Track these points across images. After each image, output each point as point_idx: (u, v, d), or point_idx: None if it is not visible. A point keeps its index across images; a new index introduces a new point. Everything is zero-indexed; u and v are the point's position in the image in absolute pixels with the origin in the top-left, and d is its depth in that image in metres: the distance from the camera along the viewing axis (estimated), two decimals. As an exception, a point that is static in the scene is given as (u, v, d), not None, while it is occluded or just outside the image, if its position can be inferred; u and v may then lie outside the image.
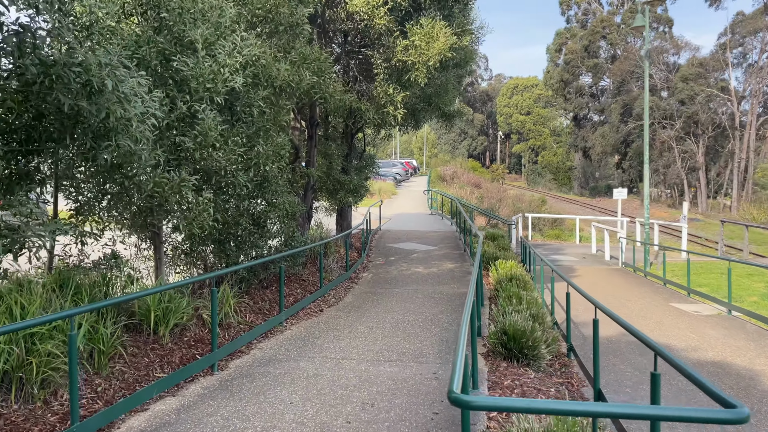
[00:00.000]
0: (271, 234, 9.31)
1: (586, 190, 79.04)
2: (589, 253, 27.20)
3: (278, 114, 7.79)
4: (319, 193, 15.15)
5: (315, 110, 12.00)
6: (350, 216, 16.32)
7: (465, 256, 16.42)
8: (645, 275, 18.55)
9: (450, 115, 16.02)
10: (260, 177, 8.31)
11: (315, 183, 12.18)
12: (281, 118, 7.83)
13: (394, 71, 9.83)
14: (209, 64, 6.45)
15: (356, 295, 11.53)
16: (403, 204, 32.09)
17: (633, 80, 56.78)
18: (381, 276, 13.60)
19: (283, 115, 7.88)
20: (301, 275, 11.41)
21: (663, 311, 12.27)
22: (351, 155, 15.66)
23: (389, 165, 50.48)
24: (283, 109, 7.94)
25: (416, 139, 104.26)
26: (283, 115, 7.88)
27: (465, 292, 11.85)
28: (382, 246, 18.05)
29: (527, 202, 43.67)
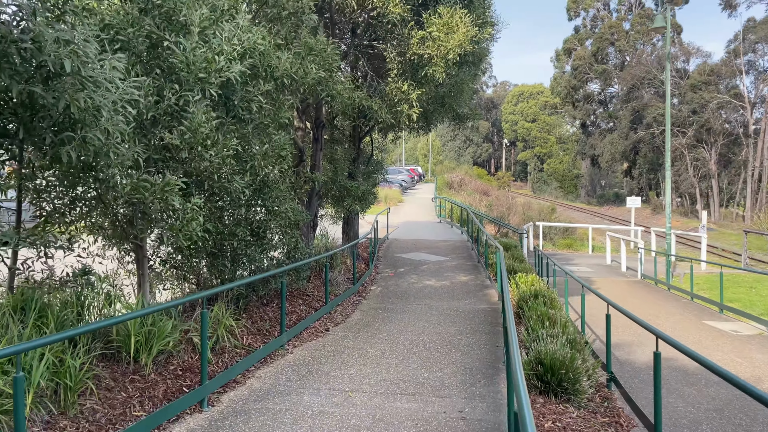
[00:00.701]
0: (272, 245, 8.36)
1: (594, 198, 77.95)
2: (603, 263, 26.19)
3: (279, 110, 6.88)
4: (325, 200, 14.22)
5: (321, 111, 11.09)
6: (357, 224, 15.38)
7: (479, 268, 15.44)
8: (668, 288, 17.53)
9: (463, 117, 15.10)
10: (259, 181, 7.38)
11: (320, 189, 11.25)
12: (282, 115, 6.91)
13: (408, 66, 8.92)
14: (203, 50, 5.53)
15: (365, 311, 10.57)
16: (410, 211, 31.14)
17: (643, 86, 55.83)
18: (391, 289, 12.63)
19: (284, 111, 6.96)
20: (305, 290, 10.46)
21: (698, 330, 11.27)
22: (358, 160, 14.74)
23: (395, 172, 49.59)
24: (285, 105, 7.02)
25: (421, 146, 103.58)
26: (284, 111, 6.96)
27: (483, 308, 10.88)
28: (390, 256, 17.09)
29: (536, 210, 42.63)
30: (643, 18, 68.58)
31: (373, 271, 14.52)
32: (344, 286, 11.82)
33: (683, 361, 9.03)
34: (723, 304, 13.25)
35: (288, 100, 7.06)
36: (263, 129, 6.74)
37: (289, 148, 7.41)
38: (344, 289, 11.65)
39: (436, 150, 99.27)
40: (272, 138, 6.84)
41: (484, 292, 12.43)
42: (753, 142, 45.71)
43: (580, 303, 10.16)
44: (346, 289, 11.69)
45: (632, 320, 6.17)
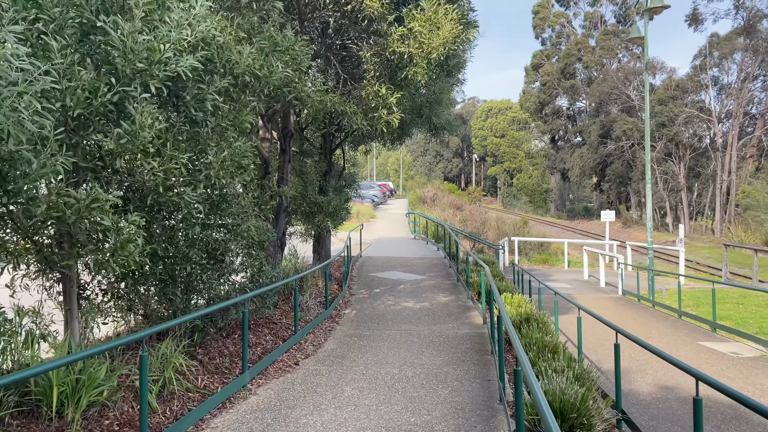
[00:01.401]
0: (233, 269, 7.31)
1: (563, 212, 78.36)
2: (581, 278, 25.62)
3: (240, 113, 5.90)
4: (294, 217, 13.21)
5: (289, 119, 10.13)
6: (329, 242, 14.37)
7: (459, 287, 14.57)
8: (653, 305, 16.92)
9: (440, 128, 14.30)
10: (217, 196, 6.36)
11: (289, 205, 10.25)
12: (244, 119, 5.94)
13: (386, 68, 8.06)
14: (146, 37, 4.53)
15: (339, 339, 9.54)
16: (384, 227, 30.22)
17: (611, 101, 56.34)
18: (366, 313, 11.64)
19: (246, 115, 5.98)
20: (272, 317, 9.39)
21: (695, 353, 10.55)
22: (329, 174, 13.78)
23: (367, 187, 48.69)
24: (247, 107, 6.05)
25: (392, 162, 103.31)
26: (246, 115, 5.98)
27: (468, 333, 9.96)
28: (364, 275, 16.10)
29: (510, 224, 42.18)
30: (607, 35, 69.56)
31: (346, 293, 13.51)
32: (316, 311, 10.78)
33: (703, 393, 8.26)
34: (716, 323, 12.61)
35: (251, 101, 6.09)
36: (221, 134, 5.74)
37: (252, 158, 6.42)
38: (316, 314, 10.61)
39: (407, 165, 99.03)
40: (232, 145, 5.84)
41: (467, 315, 11.53)
42: (721, 155, 46.28)
43: (576, 327, 9.31)
44: (318, 314, 10.66)
45: (662, 358, 5.28)
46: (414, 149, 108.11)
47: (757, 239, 34.74)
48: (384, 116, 8.01)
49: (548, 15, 78.62)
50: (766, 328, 12.50)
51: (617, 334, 6.46)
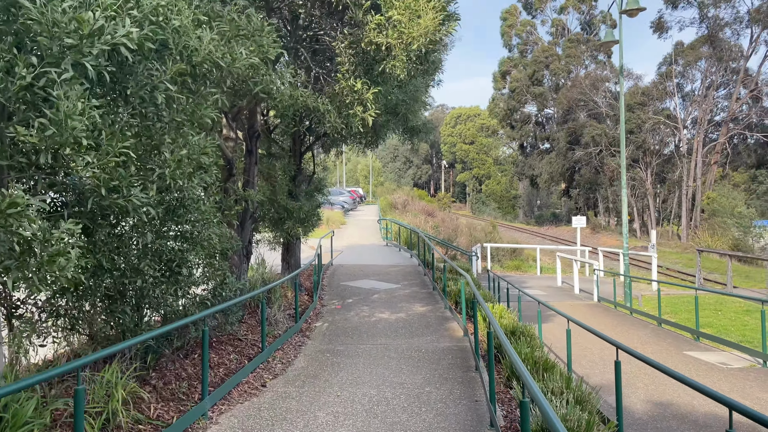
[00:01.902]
0: (192, 281, 6.53)
1: (532, 218, 78.83)
2: (554, 285, 25.34)
3: (198, 107, 5.16)
4: (261, 224, 12.43)
5: (256, 117, 9.39)
6: (299, 250, 13.62)
7: (435, 296, 13.96)
8: (630, 312, 16.61)
9: (416, 130, 13.72)
10: (173, 199, 5.60)
11: (256, 210, 9.49)
12: (204, 113, 5.20)
13: (362, 61, 7.42)
14: (71, 3, 3.79)
15: (310, 356, 8.81)
16: (355, 234, 29.50)
17: (579, 108, 56.83)
18: (339, 325, 10.93)
19: (206, 108, 5.25)
20: (237, 333, 8.60)
21: (683, 364, 10.14)
22: (299, 178, 13.05)
23: (336, 193, 47.88)
24: (207, 101, 5.32)
25: (361, 168, 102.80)
26: (206, 108, 5.25)
27: (448, 347, 9.34)
28: (336, 285, 15.37)
29: (481, 230, 41.93)
30: (573, 42, 70.49)
31: (317, 304, 12.77)
32: (285, 325, 10.02)
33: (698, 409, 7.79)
34: (699, 331, 12.27)
35: (212, 93, 5.36)
36: (176, 129, 4.99)
37: (214, 157, 5.69)
38: (285, 328, 9.85)
39: (377, 171, 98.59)
40: (189, 141, 5.10)
41: (446, 326, 10.92)
42: (687, 161, 46.98)
43: (566, 340, 8.77)
44: (288, 328, 9.90)
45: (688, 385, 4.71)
46: (383, 155, 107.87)
47: (724, 244, 35.16)
48: (359, 113, 7.35)
49: (516, 22, 79.28)
50: (749, 335, 12.23)
51: (617, 350, 5.91)
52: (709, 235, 37.44)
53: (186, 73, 4.89)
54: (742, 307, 15.58)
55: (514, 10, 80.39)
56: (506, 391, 7.02)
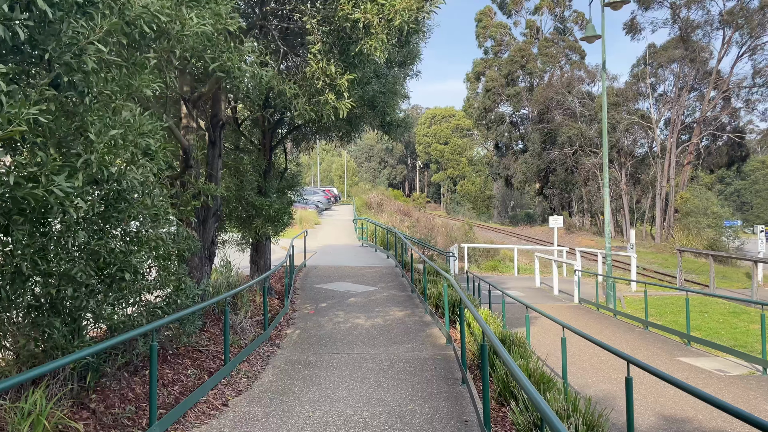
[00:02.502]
0: (143, 286, 5.66)
1: (506, 219, 78.85)
2: (532, 285, 24.85)
3: (133, 75, 4.31)
4: (228, 222, 11.54)
5: (219, 105, 8.52)
6: (269, 251, 12.74)
7: (414, 299, 13.23)
8: (614, 315, 16.11)
9: (394, 126, 12.94)
10: (112, 191, 4.73)
11: (220, 207, 8.62)
12: (141, 83, 4.35)
13: (337, 40, 6.63)
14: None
15: (279, 368, 7.98)
16: (330, 234, 28.62)
17: (553, 108, 56.80)
18: (312, 332, 10.11)
19: (142, 78, 4.40)
20: (197, 344, 7.72)
21: (678, 371, 9.55)
22: (270, 173, 12.18)
23: (310, 192, 46.93)
24: (145, 69, 4.47)
25: (335, 167, 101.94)
26: (142, 78, 4.40)
27: (431, 356, 8.60)
28: (309, 287, 14.52)
29: (457, 231, 41.42)
30: (549, 42, 70.66)
31: (289, 309, 11.91)
32: (252, 333, 9.16)
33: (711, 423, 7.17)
34: (689, 335, 11.75)
35: (149, 60, 4.51)
36: (106, 104, 4.14)
37: (161, 141, 4.83)
38: (252, 336, 9.00)
39: (351, 171, 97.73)
40: (125, 119, 4.25)
41: (427, 332, 10.19)
42: (661, 161, 47.18)
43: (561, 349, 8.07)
44: (255, 336, 9.04)
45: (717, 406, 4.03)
46: (358, 155, 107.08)
47: (698, 244, 35.21)
48: (332, 101, 6.55)
49: (490, 24, 79.20)
50: (741, 339, 11.77)
51: (629, 365, 5.22)
52: (684, 235, 37.51)
53: (119, 30, 4.02)
54: (728, 308, 15.19)
55: (489, 11, 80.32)
56: (498, 409, 6.29)
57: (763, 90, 47.67)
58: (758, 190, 78.38)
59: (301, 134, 13.95)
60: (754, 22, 43.13)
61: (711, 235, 35.34)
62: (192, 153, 6.88)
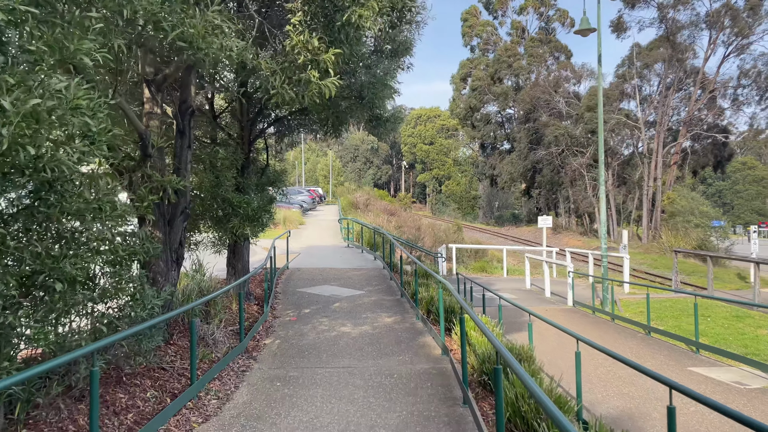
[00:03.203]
0: (78, 300, 4.70)
1: (492, 219, 78.40)
2: (522, 287, 24.11)
3: (69, 37, 3.40)
4: (203, 222, 10.58)
5: (189, 90, 7.58)
6: (248, 253, 11.78)
7: (403, 303, 12.36)
8: (612, 319, 15.38)
9: (383, 120, 12.06)
10: (37, 179, 3.79)
11: (189, 204, 7.67)
12: (77, 47, 3.44)
13: (321, 8, 5.74)
14: None
15: (255, 385, 7.05)
16: (314, 235, 27.65)
17: (540, 108, 56.34)
18: (293, 342, 9.19)
19: (80, 41, 3.48)
20: (160, 362, 6.75)
21: (693, 384, 8.77)
22: (249, 169, 11.24)
23: (295, 192, 45.88)
24: (87, 32, 3.55)
25: (320, 167, 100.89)
26: (80, 41, 3.48)
27: (425, 370, 7.73)
28: (291, 291, 13.58)
29: (444, 231, 40.69)
30: (534, 42, 70.24)
31: (269, 316, 10.97)
32: (226, 345, 8.22)
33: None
34: (698, 342, 11.01)
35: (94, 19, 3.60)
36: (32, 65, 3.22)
37: (104, 120, 3.90)
38: (226, 349, 8.05)
39: (337, 171, 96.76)
40: (55, 88, 3.32)
41: (419, 341, 9.32)
42: (647, 161, 46.85)
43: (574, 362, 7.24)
44: (230, 348, 8.10)
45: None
46: (344, 155, 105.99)
47: (687, 245, 34.80)
48: (315, 79, 5.66)
49: (476, 23, 78.73)
50: (752, 346, 11.07)
51: (671, 390, 4.38)
52: (672, 235, 37.10)
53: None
54: (730, 312, 14.54)
55: (475, 10, 79.88)
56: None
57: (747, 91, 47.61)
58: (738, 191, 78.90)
59: (283, 127, 13.02)
60: (741, 22, 42.95)
61: (700, 236, 34.96)
62: (150, 140, 5.93)
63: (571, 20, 70.65)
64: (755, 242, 25.15)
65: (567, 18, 70.67)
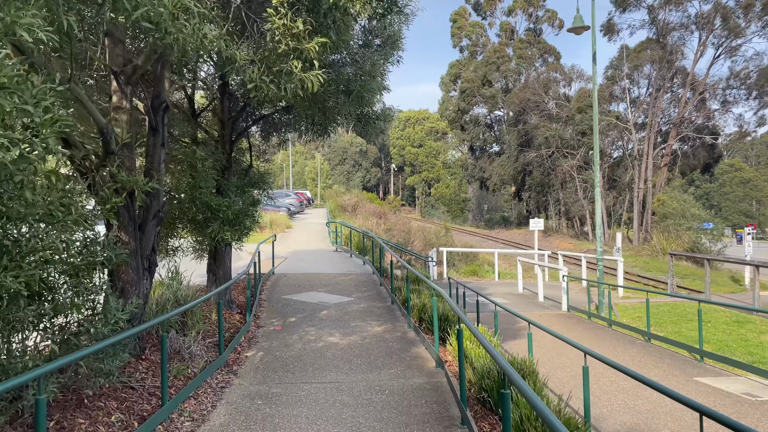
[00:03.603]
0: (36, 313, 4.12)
1: (481, 222, 78.13)
2: (515, 291, 23.65)
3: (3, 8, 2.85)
4: (182, 226, 9.98)
5: (162, 84, 7.00)
6: (230, 259, 11.17)
7: (394, 311, 11.82)
8: (609, 325, 14.92)
9: (373, 118, 11.53)
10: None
11: (163, 207, 7.08)
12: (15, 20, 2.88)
13: (304, -9, 5.20)
14: None
15: (235, 404, 6.46)
16: (301, 239, 27.03)
17: (530, 109, 56.08)
18: (277, 355, 8.61)
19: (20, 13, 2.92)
20: (130, 379, 6.15)
21: (702, 396, 8.29)
22: (230, 170, 10.66)
23: (282, 195, 45.21)
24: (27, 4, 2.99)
25: (308, 170, 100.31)
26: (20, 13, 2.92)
27: (418, 385, 7.19)
28: (276, 299, 12.98)
29: (434, 234, 40.16)
30: (523, 44, 70.04)
31: (252, 325, 10.38)
32: (204, 359, 7.62)
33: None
34: (702, 350, 10.55)
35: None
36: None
37: (51, 107, 3.33)
38: (204, 363, 7.45)
39: (325, 174, 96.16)
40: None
41: (412, 353, 8.78)
42: (638, 163, 46.67)
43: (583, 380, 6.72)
44: (208, 363, 7.50)
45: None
46: (332, 158, 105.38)
47: (679, 247, 34.54)
48: (297, 71, 5.11)
49: (465, 24, 78.48)
50: (757, 354, 10.63)
51: (701, 417, 3.86)
52: (664, 237, 36.85)
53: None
54: (729, 317, 14.12)
55: (464, 11, 79.64)
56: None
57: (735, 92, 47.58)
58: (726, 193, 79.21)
59: (268, 126, 12.44)
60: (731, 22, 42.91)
61: (692, 238, 34.71)
62: (113, 135, 5.33)
63: (560, 21, 70.59)
64: (749, 245, 24.86)
65: (556, 19, 70.59)
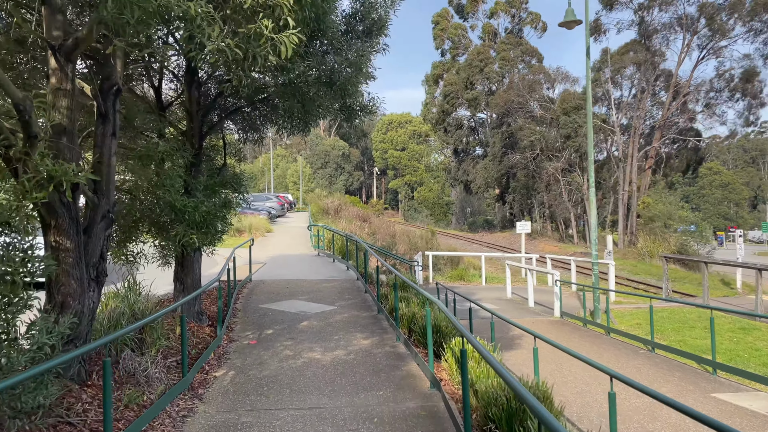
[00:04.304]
0: None
1: (465, 225, 77.50)
2: (503, 296, 22.82)
3: None
4: (144, 229, 8.92)
5: (114, 64, 5.99)
6: (199, 266, 10.11)
7: (381, 321, 10.87)
8: (608, 333, 14.12)
9: (357, 110, 10.60)
10: None
11: (114, 207, 6.06)
12: None
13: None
14: None
15: (197, 439, 5.46)
16: (282, 243, 25.94)
17: (514, 111, 55.56)
18: (251, 374, 7.60)
19: None
20: (68, 413, 5.11)
21: (724, 414, 7.48)
22: (199, 167, 9.63)
23: (263, 198, 44.04)
24: None
25: (290, 174, 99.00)
26: None
27: (412, 410, 6.24)
28: (253, 308, 11.95)
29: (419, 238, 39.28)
30: (506, 46, 69.64)
31: (224, 338, 9.35)
32: (164, 383, 6.58)
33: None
34: (716, 362, 9.76)
35: None
36: None
37: None
38: (163, 388, 6.42)
39: (307, 177, 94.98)
40: None
41: (403, 370, 7.83)
42: (623, 166, 46.33)
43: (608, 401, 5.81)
44: (168, 387, 6.47)
45: None
46: (314, 161, 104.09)
47: (666, 249, 34.11)
48: (268, 32, 4.15)
49: (448, 26, 77.97)
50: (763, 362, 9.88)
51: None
52: (651, 240, 36.43)
53: None
54: (732, 323, 13.42)
55: (446, 13, 79.10)
56: None
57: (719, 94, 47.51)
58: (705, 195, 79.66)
59: (244, 121, 11.43)
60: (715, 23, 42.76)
61: (679, 240, 34.31)
62: (32, 113, 4.30)
63: (544, 24, 70.36)
64: (741, 247, 24.37)
65: (539, 21, 70.34)
